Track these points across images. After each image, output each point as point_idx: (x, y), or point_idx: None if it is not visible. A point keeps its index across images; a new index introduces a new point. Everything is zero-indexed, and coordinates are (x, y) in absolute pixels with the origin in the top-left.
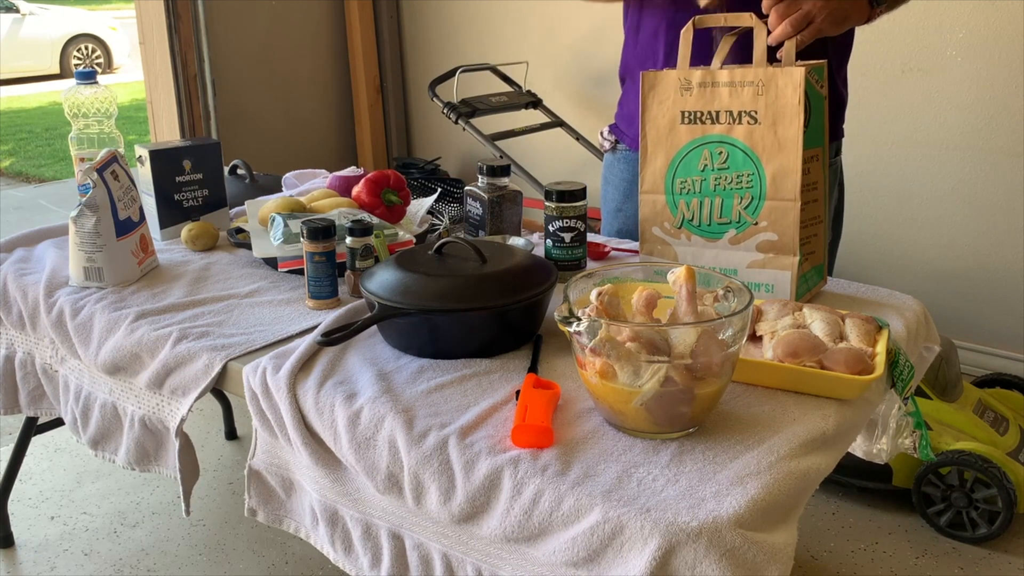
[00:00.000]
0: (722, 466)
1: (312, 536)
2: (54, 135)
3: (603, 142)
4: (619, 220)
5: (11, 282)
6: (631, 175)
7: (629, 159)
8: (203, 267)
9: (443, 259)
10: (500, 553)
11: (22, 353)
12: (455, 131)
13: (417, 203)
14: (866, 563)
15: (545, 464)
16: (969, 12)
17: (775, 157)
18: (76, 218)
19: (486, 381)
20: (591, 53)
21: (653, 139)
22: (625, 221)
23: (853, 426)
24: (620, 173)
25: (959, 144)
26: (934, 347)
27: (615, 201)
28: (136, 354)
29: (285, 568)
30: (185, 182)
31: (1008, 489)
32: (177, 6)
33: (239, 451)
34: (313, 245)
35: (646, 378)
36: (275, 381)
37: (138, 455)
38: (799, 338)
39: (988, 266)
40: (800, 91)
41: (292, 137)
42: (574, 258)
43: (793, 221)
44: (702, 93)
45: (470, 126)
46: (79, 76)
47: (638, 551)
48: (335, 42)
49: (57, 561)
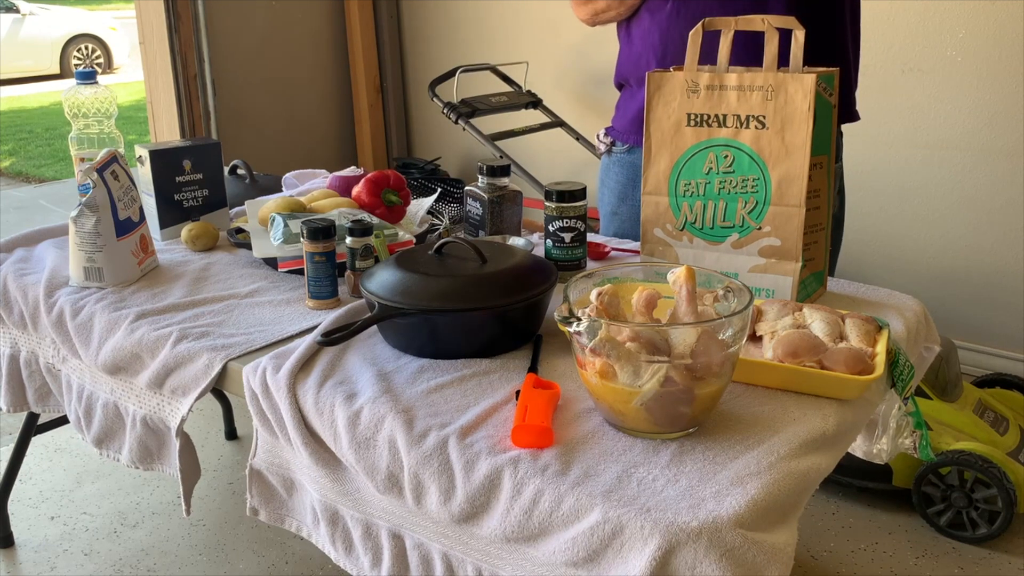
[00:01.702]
0: (722, 466)
1: (313, 535)
2: (54, 135)
3: (599, 145)
4: (615, 223)
5: (11, 282)
6: (626, 178)
7: (624, 162)
8: (203, 267)
9: (443, 259)
10: (500, 553)
11: (26, 352)
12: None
13: (417, 203)
14: (866, 563)
15: (545, 464)
16: (969, 12)
17: (782, 162)
18: (76, 218)
19: (486, 381)
20: (591, 53)
21: (658, 140)
22: (621, 224)
23: (853, 426)
24: (616, 176)
25: (959, 144)
26: (934, 347)
27: (611, 204)
28: (136, 354)
29: (285, 568)
30: (185, 182)
31: (1008, 489)
32: (177, 6)
33: (239, 451)
34: (313, 245)
35: (646, 378)
36: (275, 381)
37: (141, 454)
38: (799, 338)
39: (988, 266)
40: (811, 97)
41: (292, 137)
42: (574, 258)
43: (797, 227)
44: (709, 96)
45: (470, 126)
46: (79, 76)
47: (638, 551)
48: (335, 42)
49: (57, 561)
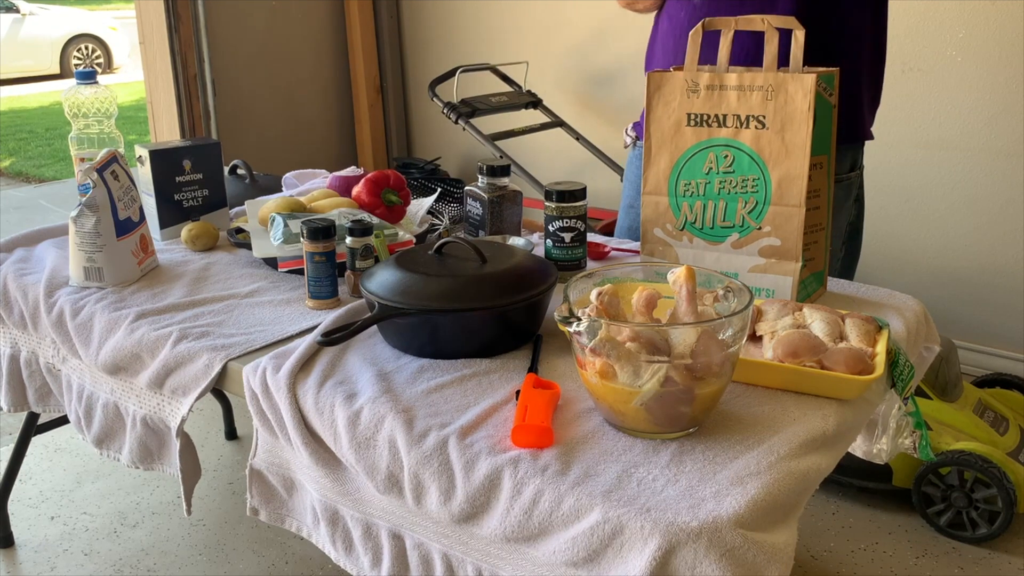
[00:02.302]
0: (722, 466)
1: (313, 535)
2: (54, 135)
3: (626, 138)
4: (630, 217)
5: (11, 282)
6: None
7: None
8: (203, 267)
9: (443, 259)
10: (500, 553)
11: (26, 352)
12: (455, 131)
13: (417, 203)
14: (866, 563)
15: (545, 464)
16: (969, 12)
17: (782, 162)
18: (76, 218)
19: (486, 381)
20: (591, 53)
21: (658, 140)
22: (635, 218)
23: (853, 426)
24: (636, 170)
25: (959, 144)
26: (934, 347)
27: (629, 197)
28: (136, 354)
29: (285, 568)
30: (185, 182)
31: (1008, 489)
32: (177, 6)
33: (239, 451)
34: (313, 245)
35: (646, 378)
36: (275, 381)
37: (141, 454)
38: (799, 338)
39: (988, 266)
40: (811, 97)
41: (292, 137)
42: (574, 258)
43: (797, 227)
44: (709, 96)
45: (470, 126)
46: (79, 76)
47: (638, 551)
48: (335, 42)
49: (57, 561)
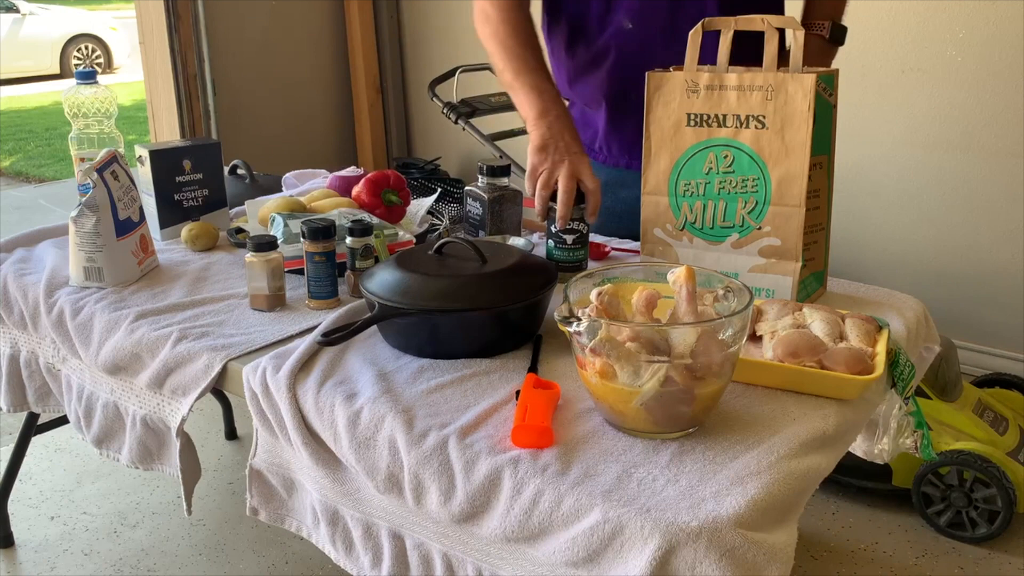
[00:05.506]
0: (722, 466)
1: (313, 535)
2: (54, 135)
3: None
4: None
5: (11, 282)
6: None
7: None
8: (203, 267)
9: (443, 259)
10: (500, 553)
11: (26, 352)
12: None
13: (417, 203)
14: (866, 563)
15: (545, 464)
16: (969, 12)
17: (782, 162)
18: (76, 218)
19: (486, 381)
20: None
21: (657, 140)
22: None
23: (853, 426)
24: None
25: (959, 144)
26: (934, 347)
27: None
28: (136, 354)
29: (285, 568)
30: (185, 182)
31: (1008, 489)
32: (177, 6)
33: (239, 451)
34: (313, 245)
35: (646, 378)
36: (275, 381)
37: (141, 454)
38: (799, 338)
39: (988, 266)
40: (810, 97)
41: (292, 137)
42: (576, 260)
43: (797, 227)
44: (709, 96)
45: (470, 126)
46: (79, 76)
47: (638, 551)
48: (335, 42)
49: (57, 561)
